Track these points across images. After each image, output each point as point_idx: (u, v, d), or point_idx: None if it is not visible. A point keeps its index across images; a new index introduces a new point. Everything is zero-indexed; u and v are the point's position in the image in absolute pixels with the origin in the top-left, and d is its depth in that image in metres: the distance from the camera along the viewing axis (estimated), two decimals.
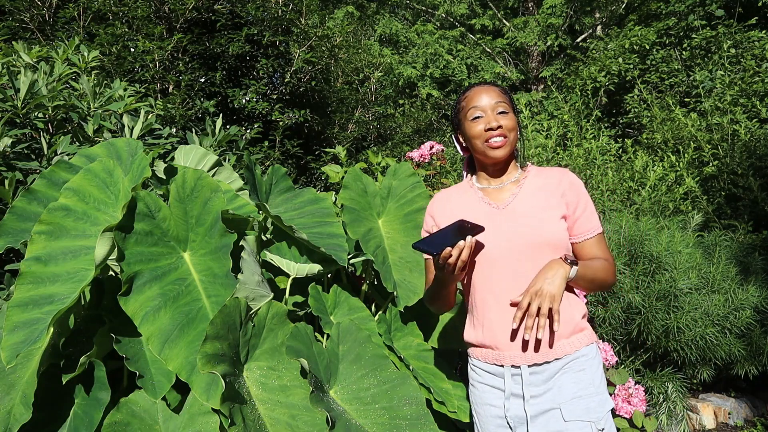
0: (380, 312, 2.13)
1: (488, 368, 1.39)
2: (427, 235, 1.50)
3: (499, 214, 1.39)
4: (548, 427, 1.29)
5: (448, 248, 1.23)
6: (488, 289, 1.37)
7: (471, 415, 1.49)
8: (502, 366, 1.35)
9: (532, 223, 1.34)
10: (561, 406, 1.29)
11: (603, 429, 1.29)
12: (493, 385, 1.38)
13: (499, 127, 1.37)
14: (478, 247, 1.35)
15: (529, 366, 1.31)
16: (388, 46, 11.36)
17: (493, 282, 1.36)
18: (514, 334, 1.33)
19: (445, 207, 1.49)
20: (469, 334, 1.45)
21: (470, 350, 1.46)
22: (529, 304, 1.26)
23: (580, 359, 1.32)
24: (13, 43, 2.84)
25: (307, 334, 1.66)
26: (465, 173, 1.58)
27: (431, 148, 3.20)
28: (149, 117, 2.64)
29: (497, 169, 1.46)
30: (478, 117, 1.39)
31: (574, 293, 1.40)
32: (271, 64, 4.90)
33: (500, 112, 1.38)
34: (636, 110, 5.56)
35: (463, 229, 1.28)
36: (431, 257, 1.41)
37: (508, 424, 1.34)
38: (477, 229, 1.28)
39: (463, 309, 2.25)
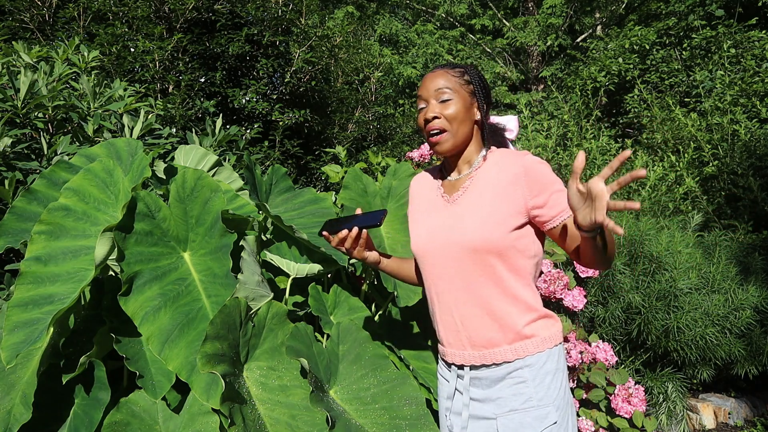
0: (380, 312, 2.13)
1: (441, 362, 1.39)
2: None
3: (446, 210, 1.30)
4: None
5: (326, 233, 1.29)
6: (431, 286, 1.32)
7: None
8: (450, 365, 1.34)
9: (473, 225, 1.22)
10: (498, 418, 1.22)
11: None
12: (444, 378, 1.38)
13: (435, 118, 1.25)
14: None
15: (471, 369, 1.27)
16: (388, 46, 11.37)
17: (434, 280, 1.30)
18: (454, 334, 1.29)
19: (416, 190, 1.44)
20: (433, 323, 1.43)
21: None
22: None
23: (522, 370, 1.22)
24: (13, 43, 2.84)
25: (307, 334, 1.66)
26: None
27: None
28: (149, 117, 2.64)
29: (451, 161, 1.35)
30: (421, 108, 1.30)
31: (523, 297, 1.25)
32: (271, 64, 4.90)
33: (442, 101, 1.26)
34: (636, 110, 5.56)
35: (370, 218, 1.28)
36: None
37: (449, 420, 1.34)
38: (372, 223, 1.27)
39: None
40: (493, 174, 1.26)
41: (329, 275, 2.26)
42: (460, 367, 1.30)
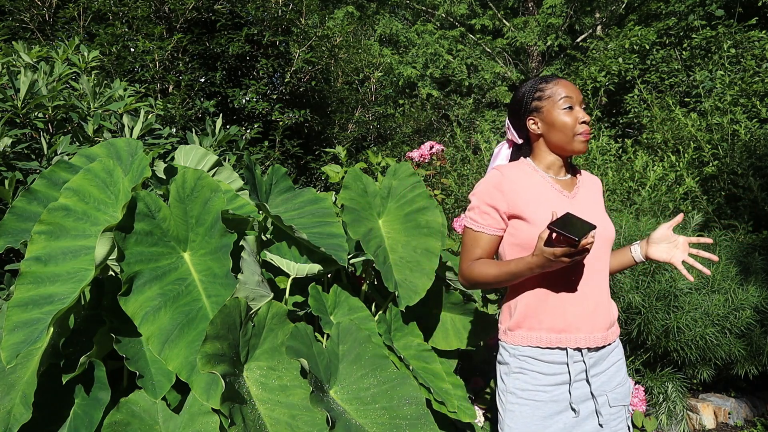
0: (380, 312, 2.13)
1: (544, 355, 1.37)
2: (487, 214, 1.41)
3: (571, 203, 1.43)
4: (603, 412, 1.39)
5: (591, 235, 1.19)
6: (560, 275, 1.37)
7: (502, 409, 1.43)
8: (564, 349, 1.37)
9: (604, 217, 1.43)
10: (608, 393, 1.39)
11: (631, 412, 1.50)
12: (549, 373, 1.37)
13: (588, 122, 1.41)
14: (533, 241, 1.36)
15: (589, 351, 1.38)
16: (388, 46, 11.37)
17: (569, 269, 1.37)
18: (585, 317, 1.37)
19: (515, 184, 1.41)
20: (520, 320, 1.40)
21: (516, 337, 1.40)
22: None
23: (618, 348, 1.46)
24: (13, 43, 2.84)
25: (307, 334, 1.66)
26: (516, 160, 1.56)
27: (431, 148, 3.20)
28: (149, 117, 2.64)
29: (566, 162, 1.48)
30: (570, 108, 1.40)
31: None
32: (271, 64, 4.90)
33: (584, 108, 1.47)
34: (636, 110, 5.56)
35: (574, 221, 1.22)
36: (550, 236, 1.28)
37: (572, 408, 1.37)
38: (589, 225, 1.21)
39: (465, 309, 2.26)
40: (588, 182, 1.53)
41: (329, 275, 2.26)
42: (580, 351, 1.38)
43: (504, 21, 11.11)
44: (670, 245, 1.41)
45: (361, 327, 1.86)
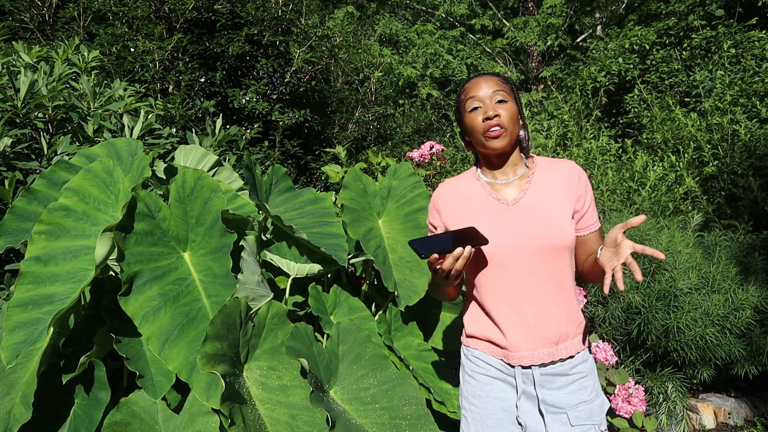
0: (380, 312, 2.13)
1: (494, 362, 1.36)
2: (432, 232, 1.46)
3: (509, 212, 1.34)
4: (553, 430, 1.30)
5: (435, 255, 1.18)
6: (498, 289, 1.33)
7: (460, 410, 1.44)
8: (512, 366, 1.33)
9: (547, 223, 1.30)
10: (567, 411, 1.30)
11: (604, 430, 1.32)
12: (499, 378, 1.35)
13: (497, 116, 1.30)
14: (478, 253, 1.32)
15: (540, 367, 1.31)
16: (388, 46, 11.37)
17: (505, 283, 1.32)
18: (525, 334, 1.30)
19: (451, 200, 1.43)
20: (472, 327, 1.41)
21: (470, 341, 1.42)
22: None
23: (582, 365, 1.33)
24: (13, 43, 2.84)
25: (307, 334, 1.66)
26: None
27: (431, 148, 3.20)
28: (149, 117, 2.64)
29: (500, 162, 1.39)
30: (476, 108, 1.33)
31: (576, 292, 1.38)
32: (271, 64, 4.90)
33: (499, 101, 1.32)
34: (636, 110, 5.56)
35: (467, 237, 1.22)
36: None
37: (518, 422, 1.32)
38: (481, 241, 1.23)
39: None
40: (550, 177, 1.37)
41: (329, 275, 2.26)
42: (527, 367, 1.32)
43: (504, 21, 11.11)
44: (615, 250, 1.20)
45: (361, 327, 1.86)
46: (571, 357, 1.32)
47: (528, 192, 1.36)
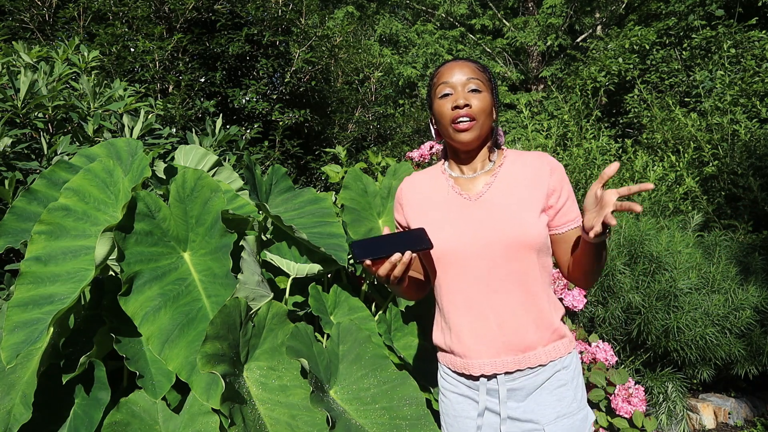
0: (380, 312, 2.13)
1: (461, 378, 1.26)
2: (398, 229, 1.37)
3: (471, 207, 1.23)
4: None
5: (368, 261, 1.08)
6: (457, 291, 1.22)
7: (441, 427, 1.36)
8: (477, 379, 1.22)
9: (510, 221, 1.18)
10: (544, 427, 1.18)
11: None
12: (469, 396, 1.25)
13: (467, 105, 1.19)
14: (438, 253, 1.23)
15: (505, 375, 1.19)
16: (388, 46, 11.37)
17: (462, 283, 1.21)
18: (487, 340, 1.19)
19: (414, 195, 1.34)
20: (437, 336, 1.31)
21: (439, 355, 1.33)
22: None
23: (561, 372, 1.20)
24: (13, 43, 2.84)
25: (307, 334, 1.66)
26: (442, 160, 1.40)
27: (431, 148, 3.20)
28: (149, 117, 2.64)
29: (468, 158, 1.28)
30: (446, 94, 1.22)
31: (552, 293, 1.26)
32: (271, 64, 4.90)
33: (472, 90, 1.20)
34: (636, 110, 5.56)
35: (413, 240, 1.12)
36: None
37: None
38: (426, 246, 1.12)
39: None
40: (517, 170, 1.24)
41: (329, 275, 2.26)
42: (491, 378, 1.21)
43: (504, 21, 11.12)
44: (598, 207, 1.06)
45: (361, 327, 1.86)
46: (542, 366, 1.19)
47: (492, 186, 1.24)
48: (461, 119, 1.19)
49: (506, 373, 1.19)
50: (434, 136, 1.33)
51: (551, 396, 1.19)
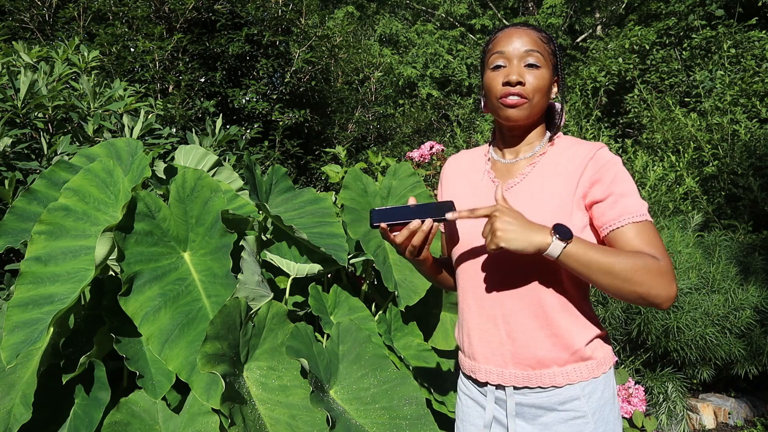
0: (380, 312, 2.13)
1: (468, 382, 1.17)
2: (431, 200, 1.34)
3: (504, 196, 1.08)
4: None
5: (383, 225, 1.01)
6: (470, 287, 1.11)
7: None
8: (485, 384, 1.11)
9: (538, 216, 1.03)
10: None
11: None
12: (479, 402, 1.14)
13: (519, 83, 1.04)
14: (462, 241, 1.14)
15: (515, 391, 1.07)
16: (388, 46, 11.37)
17: (475, 280, 1.09)
18: (494, 345, 1.08)
19: (453, 172, 1.24)
20: (456, 332, 1.22)
21: (459, 355, 1.21)
22: None
23: (579, 401, 1.02)
24: (13, 43, 2.84)
25: (307, 334, 1.66)
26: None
27: (431, 148, 3.20)
28: (149, 117, 2.64)
29: (513, 139, 1.13)
30: (499, 66, 1.07)
31: (584, 310, 1.06)
32: (271, 64, 4.90)
33: (528, 65, 1.05)
34: (636, 110, 5.56)
35: (438, 210, 1.02)
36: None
37: None
38: (443, 216, 1.02)
39: None
40: (562, 161, 1.07)
41: (329, 275, 2.26)
42: (499, 387, 1.09)
43: (504, 21, 11.12)
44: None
45: (361, 327, 1.86)
46: (557, 387, 1.03)
47: (527, 178, 1.09)
48: (511, 96, 1.05)
49: (515, 388, 1.07)
50: (482, 107, 1.18)
51: (565, 427, 1.03)
